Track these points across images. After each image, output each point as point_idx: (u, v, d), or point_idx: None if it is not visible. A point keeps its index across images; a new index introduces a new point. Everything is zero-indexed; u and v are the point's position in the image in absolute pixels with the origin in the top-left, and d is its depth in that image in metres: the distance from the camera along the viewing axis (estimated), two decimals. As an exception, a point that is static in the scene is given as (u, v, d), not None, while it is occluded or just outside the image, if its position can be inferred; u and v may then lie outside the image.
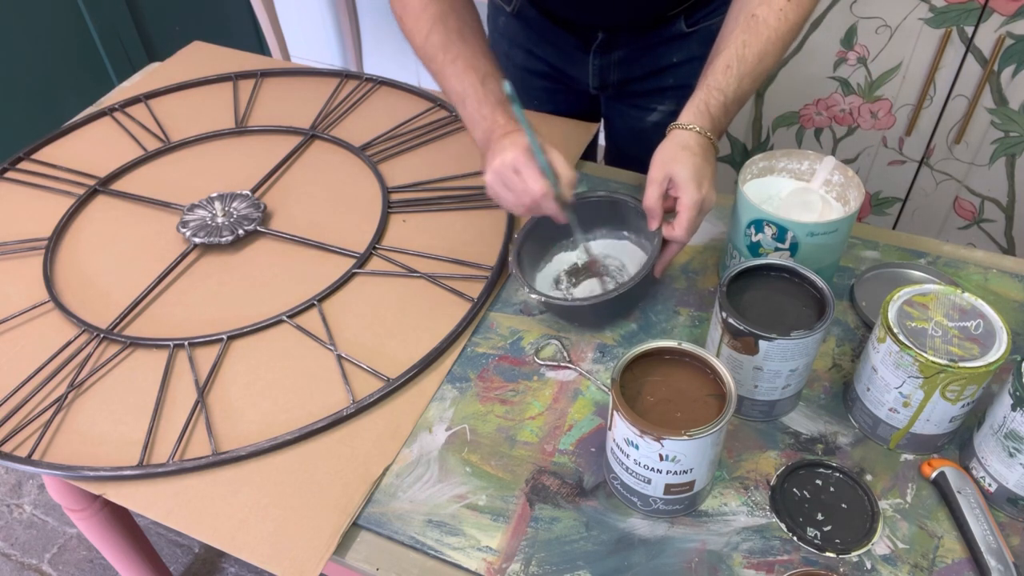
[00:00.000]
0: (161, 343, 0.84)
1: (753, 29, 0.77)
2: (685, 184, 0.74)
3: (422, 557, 0.67)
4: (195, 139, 1.11)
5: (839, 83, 1.53)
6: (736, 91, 0.77)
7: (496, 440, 0.74)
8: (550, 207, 0.77)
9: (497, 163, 0.76)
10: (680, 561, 0.65)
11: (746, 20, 0.78)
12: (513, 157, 0.75)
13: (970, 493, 0.67)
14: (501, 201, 0.79)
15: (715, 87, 0.77)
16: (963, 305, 0.68)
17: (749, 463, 0.72)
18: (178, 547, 1.52)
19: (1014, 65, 1.38)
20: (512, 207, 0.79)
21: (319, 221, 0.98)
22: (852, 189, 0.80)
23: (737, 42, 0.78)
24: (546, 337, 0.83)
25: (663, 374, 0.66)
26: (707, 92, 0.78)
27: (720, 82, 0.77)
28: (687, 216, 0.74)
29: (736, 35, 0.78)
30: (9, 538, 1.54)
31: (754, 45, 0.77)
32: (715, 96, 0.77)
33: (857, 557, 0.65)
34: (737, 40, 0.78)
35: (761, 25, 0.77)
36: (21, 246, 0.96)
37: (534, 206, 0.76)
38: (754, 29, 0.77)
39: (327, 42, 2.48)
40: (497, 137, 0.78)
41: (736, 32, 0.78)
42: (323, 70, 1.23)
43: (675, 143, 0.76)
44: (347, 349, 0.83)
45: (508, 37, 1.11)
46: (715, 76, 0.78)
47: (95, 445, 0.76)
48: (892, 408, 0.69)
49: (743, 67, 0.77)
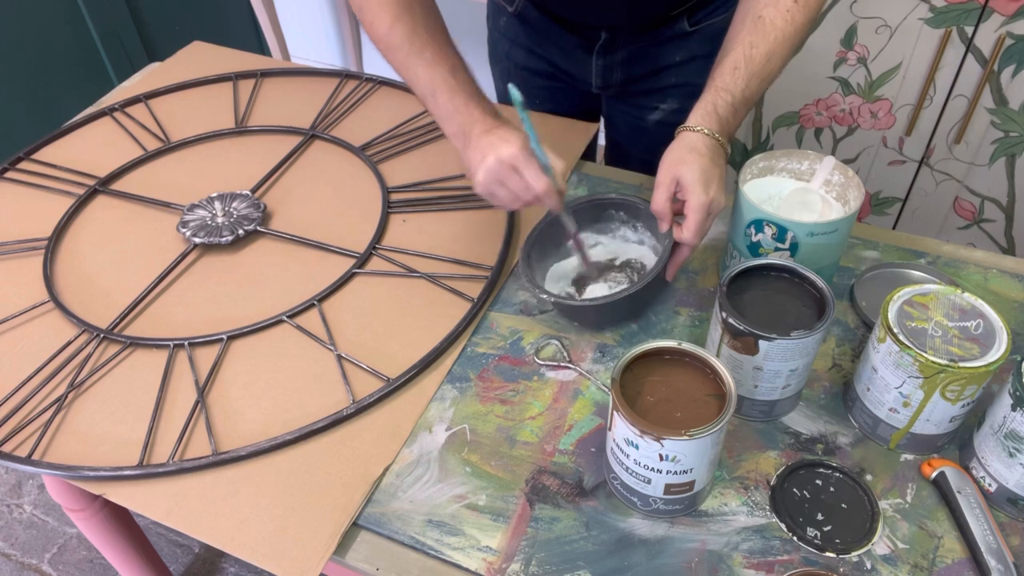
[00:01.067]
0: (161, 343, 0.84)
1: (760, 30, 0.77)
2: (692, 186, 0.73)
3: (422, 557, 0.67)
4: (195, 139, 1.11)
5: (839, 83, 1.53)
6: (744, 92, 0.77)
7: (496, 440, 0.74)
8: (553, 201, 0.77)
9: (491, 161, 0.75)
10: (680, 561, 0.65)
11: (753, 22, 0.78)
12: (510, 155, 0.74)
13: (970, 493, 0.67)
14: (494, 199, 0.78)
15: (723, 88, 0.77)
16: (963, 305, 0.68)
17: (749, 463, 0.72)
18: (178, 547, 1.52)
19: (1014, 65, 1.38)
20: (506, 204, 0.78)
21: (319, 221, 0.98)
22: (852, 189, 0.80)
23: (744, 43, 0.77)
24: (546, 337, 0.83)
25: (663, 374, 0.66)
26: (715, 93, 0.77)
27: (728, 83, 0.77)
28: (695, 219, 0.74)
29: (743, 36, 0.78)
30: (9, 538, 1.54)
31: (761, 46, 0.77)
32: (723, 97, 0.77)
33: (857, 557, 0.65)
34: (744, 41, 0.77)
35: (768, 26, 0.77)
36: (21, 246, 0.96)
37: (533, 202, 0.76)
38: (761, 30, 0.77)
39: (327, 42, 2.48)
40: (478, 133, 0.77)
41: (743, 34, 0.78)
42: (323, 70, 1.23)
43: (683, 145, 0.76)
44: (347, 349, 0.83)
45: (509, 37, 1.11)
46: (723, 77, 0.77)
47: (95, 445, 0.76)
48: (892, 408, 0.69)
49: (751, 67, 0.77)
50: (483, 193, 0.78)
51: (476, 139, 0.77)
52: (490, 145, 0.75)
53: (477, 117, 0.78)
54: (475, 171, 0.77)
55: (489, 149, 0.75)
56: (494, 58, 1.18)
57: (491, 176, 0.76)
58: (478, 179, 0.77)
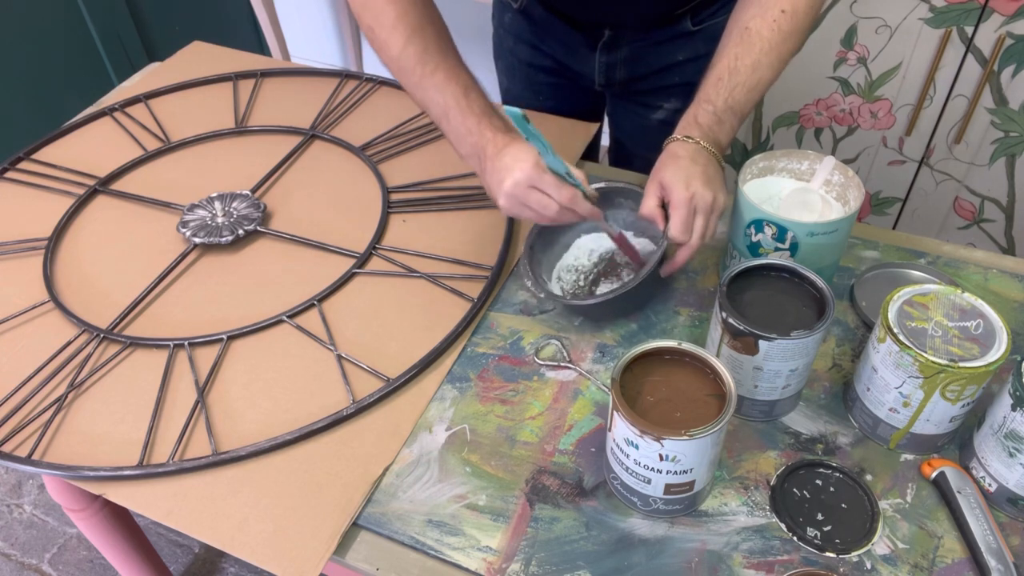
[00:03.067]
0: (161, 343, 0.84)
1: (746, 42, 0.79)
2: (673, 184, 0.75)
3: (422, 557, 0.67)
4: (195, 139, 1.11)
5: (839, 83, 1.53)
6: (727, 101, 0.79)
7: (496, 440, 0.74)
8: (584, 208, 0.76)
9: (508, 185, 0.74)
10: (680, 561, 0.65)
11: (739, 33, 0.80)
12: (524, 175, 0.74)
13: (970, 493, 0.67)
14: (523, 218, 0.78)
15: (704, 100, 0.80)
16: (963, 305, 0.68)
17: (749, 463, 0.72)
18: (178, 547, 1.52)
19: (1014, 65, 1.38)
20: (537, 220, 0.78)
21: (319, 221, 0.98)
22: (852, 189, 0.80)
23: (730, 56, 0.80)
24: (546, 337, 0.83)
25: (663, 374, 0.66)
26: (696, 106, 0.80)
27: (710, 95, 0.80)
28: (678, 215, 0.75)
29: (729, 49, 0.80)
30: (9, 538, 1.54)
31: (746, 57, 0.79)
32: (704, 108, 0.79)
33: (857, 557, 0.65)
34: (730, 54, 0.80)
35: (754, 37, 0.79)
36: (21, 246, 0.96)
37: (562, 214, 0.76)
38: (747, 42, 0.79)
39: (327, 42, 2.48)
40: (491, 154, 0.77)
41: (729, 47, 0.80)
42: (323, 70, 1.23)
43: (665, 154, 0.79)
44: (347, 349, 0.83)
45: (513, 33, 1.12)
46: (705, 90, 0.80)
47: (95, 445, 0.76)
48: (892, 408, 0.69)
49: (735, 79, 0.79)
50: (511, 215, 0.79)
51: (491, 161, 0.77)
52: (505, 168, 0.75)
53: (489, 137, 0.78)
54: (496, 197, 0.77)
55: (505, 173, 0.75)
56: (498, 54, 1.19)
57: (512, 201, 0.75)
58: (501, 204, 0.76)
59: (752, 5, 0.80)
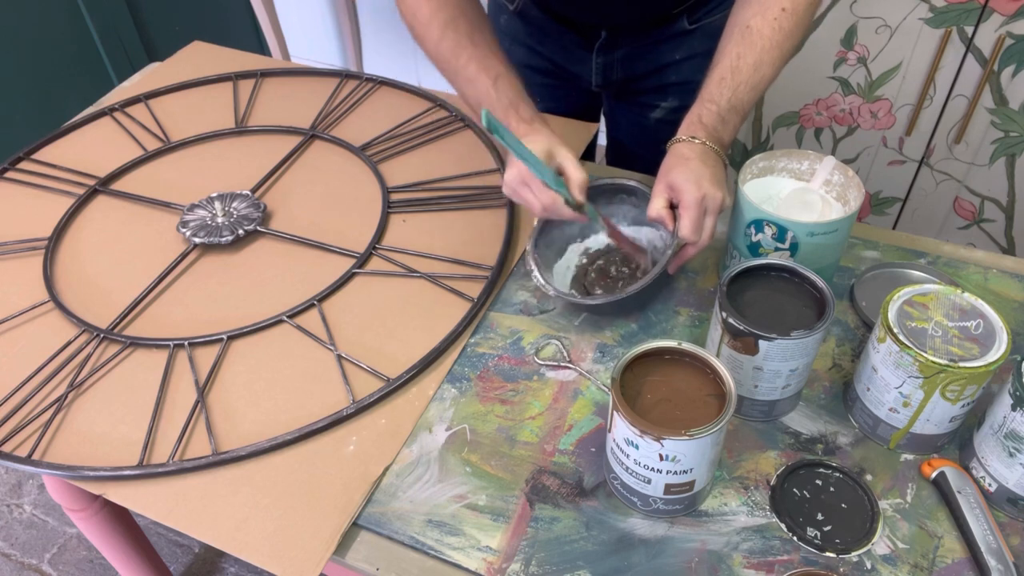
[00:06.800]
0: (161, 343, 0.84)
1: (747, 40, 0.80)
2: (684, 186, 0.76)
3: (422, 557, 0.67)
4: (195, 139, 1.11)
5: (839, 83, 1.53)
6: (731, 100, 0.79)
7: (496, 440, 0.74)
8: (564, 213, 0.79)
9: (508, 176, 0.79)
10: (680, 561, 0.65)
11: (740, 32, 0.80)
12: (516, 172, 0.78)
13: (970, 493, 0.67)
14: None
15: (708, 100, 0.80)
16: (963, 305, 0.68)
17: (749, 463, 0.72)
18: (178, 547, 1.52)
19: (1014, 65, 1.38)
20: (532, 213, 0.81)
21: (319, 221, 0.98)
22: (852, 189, 0.80)
23: (732, 55, 0.80)
24: (546, 337, 0.83)
25: (663, 374, 0.66)
26: (700, 105, 0.81)
27: (714, 95, 0.80)
28: (689, 215, 0.76)
29: (730, 48, 0.81)
30: (9, 538, 1.54)
31: (748, 56, 0.79)
32: (708, 107, 0.80)
33: (857, 557, 0.65)
34: (732, 53, 0.80)
35: (755, 35, 0.79)
36: (21, 246, 0.96)
37: (546, 213, 0.79)
38: (748, 40, 0.80)
39: (327, 42, 2.48)
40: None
41: (730, 46, 0.81)
42: (323, 70, 1.23)
43: (672, 155, 0.79)
44: (347, 349, 0.83)
45: (510, 35, 1.12)
46: (708, 90, 0.81)
47: (95, 445, 0.76)
48: (892, 408, 0.69)
49: (737, 77, 0.79)
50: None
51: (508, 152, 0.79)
52: (511, 160, 0.79)
53: (513, 127, 0.81)
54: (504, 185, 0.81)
55: (510, 163, 0.79)
56: None
57: (508, 191, 0.81)
58: (504, 191, 0.81)
59: (752, 3, 0.80)
